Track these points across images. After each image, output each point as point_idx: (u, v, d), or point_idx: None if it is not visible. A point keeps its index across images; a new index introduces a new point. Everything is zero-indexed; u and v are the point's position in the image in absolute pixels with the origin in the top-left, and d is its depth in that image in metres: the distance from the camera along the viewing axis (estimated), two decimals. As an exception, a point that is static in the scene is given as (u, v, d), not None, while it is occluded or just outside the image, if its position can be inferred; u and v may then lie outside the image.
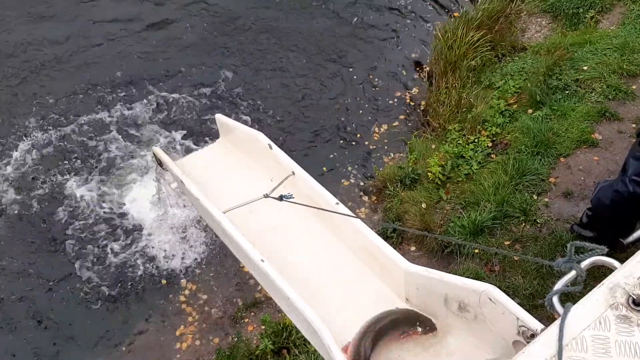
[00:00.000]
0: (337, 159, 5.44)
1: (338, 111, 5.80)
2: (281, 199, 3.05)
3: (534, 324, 2.05)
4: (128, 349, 4.34)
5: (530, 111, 4.89)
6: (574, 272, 1.82)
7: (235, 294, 4.57)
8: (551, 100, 4.84)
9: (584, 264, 1.82)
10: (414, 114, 5.79)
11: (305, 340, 3.57)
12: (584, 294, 1.67)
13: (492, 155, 4.70)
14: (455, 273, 3.13)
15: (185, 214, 4.90)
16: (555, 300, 1.76)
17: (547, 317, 2.22)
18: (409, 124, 5.71)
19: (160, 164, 3.84)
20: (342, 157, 5.46)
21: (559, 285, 1.82)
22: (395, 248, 2.86)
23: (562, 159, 4.42)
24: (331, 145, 5.55)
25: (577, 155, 4.41)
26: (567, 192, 4.18)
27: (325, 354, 2.54)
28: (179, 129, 5.57)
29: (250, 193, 3.24)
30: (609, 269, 1.74)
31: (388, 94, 5.96)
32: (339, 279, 2.94)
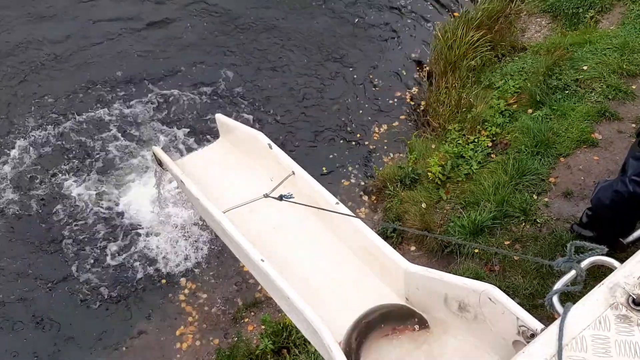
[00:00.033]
0: (337, 159, 5.44)
1: (338, 111, 5.80)
2: (281, 198, 3.06)
3: (534, 323, 2.05)
4: (128, 349, 4.34)
5: (530, 111, 4.89)
6: (573, 272, 1.83)
7: (235, 294, 4.57)
8: (551, 100, 4.85)
9: (584, 263, 1.82)
10: (414, 113, 5.79)
11: (305, 340, 3.58)
12: (584, 293, 1.67)
13: (492, 155, 4.70)
14: (455, 273, 3.14)
15: (185, 213, 4.89)
16: (555, 300, 1.77)
17: (547, 316, 2.23)
18: (409, 123, 5.71)
19: (160, 163, 3.84)
20: (342, 157, 5.46)
21: (558, 285, 1.82)
22: (395, 248, 2.86)
23: (562, 159, 4.42)
24: (331, 145, 5.55)
25: (577, 155, 4.41)
26: (567, 191, 4.19)
27: (325, 354, 2.53)
28: (179, 128, 5.56)
29: (250, 193, 3.24)
30: (609, 269, 1.74)
31: (388, 94, 5.95)
32: (339, 278, 2.93)
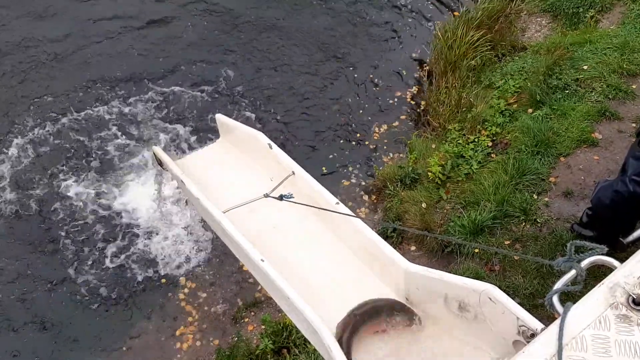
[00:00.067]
0: (337, 159, 5.43)
1: (339, 111, 5.79)
2: (281, 198, 3.06)
3: (534, 323, 2.05)
4: (128, 349, 4.34)
5: (530, 111, 4.88)
6: (574, 272, 1.82)
7: (235, 294, 4.57)
8: (551, 100, 4.84)
9: (584, 263, 1.82)
10: (414, 113, 5.79)
11: (305, 340, 3.57)
12: (584, 293, 1.67)
13: (492, 155, 4.70)
14: (455, 273, 3.14)
15: (184, 213, 4.89)
16: (555, 299, 1.76)
17: (547, 316, 2.22)
18: (409, 123, 5.71)
19: (161, 163, 3.84)
20: (342, 156, 5.45)
21: (559, 285, 1.82)
22: (395, 248, 2.86)
23: (562, 159, 4.42)
24: (331, 144, 5.54)
25: (577, 155, 4.41)
26: (567, 191, 4.18)
27: (325, 354, 2.54)
28: (179, 127, 5.55)
29: (250, 193, 3.24)
30: (609, 269, 1.74)
31: (388, 94, 5.94)
32: (339, 278, 2.94)
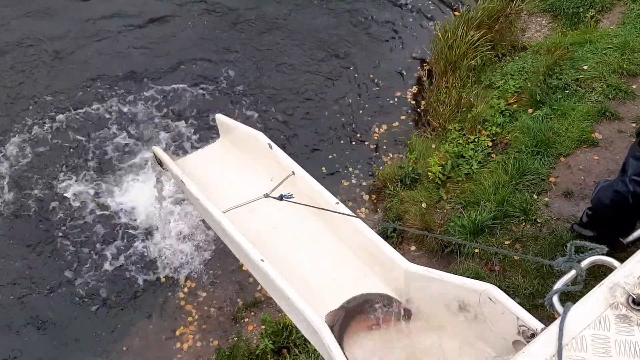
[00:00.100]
0: (337, 159, 5.43)
1: (339, 110, 5.79)
2: (281, 198, 3.05)
3: (534, 323, 2.05)
4: (128, 349, 4.34)
5: (530, 111, 4.88)
6: (574, 272, 1.82)
7: (235, 294, 4.57)
8: (551, 100, 4.84)
9: (584, 263, 1.82)
10: (415, 113, 5.78)
11: (305, 340, 3.57)
12: (584, 293, 1.67)
13: (492, 155, 4.70)
14: (455, 273, 3.14)
15: (184, 212, 4.89)
16: (555, 299, 1.76)
17: (547, 316, 2.22)
18: (410, 123, 5.71)
19: (160, 163, 3.84)
20: (342, 156, 5.45)
21: (559, 285, 1.82)
22: (395, 248, 2.86)
23: (562, 159, 4.42)
24: (331, 144, 5.54)
25: (577, 155, 4.41)
26: (567, 191, 4.18)
27: (325, 354, 2.53)
28: (179, 126, 5.55)
29: (250, 193, 3.23)
30: (609, 269, 1.74)
31: (389, 94, 5.94)
32: (339, 278, 2.93)
